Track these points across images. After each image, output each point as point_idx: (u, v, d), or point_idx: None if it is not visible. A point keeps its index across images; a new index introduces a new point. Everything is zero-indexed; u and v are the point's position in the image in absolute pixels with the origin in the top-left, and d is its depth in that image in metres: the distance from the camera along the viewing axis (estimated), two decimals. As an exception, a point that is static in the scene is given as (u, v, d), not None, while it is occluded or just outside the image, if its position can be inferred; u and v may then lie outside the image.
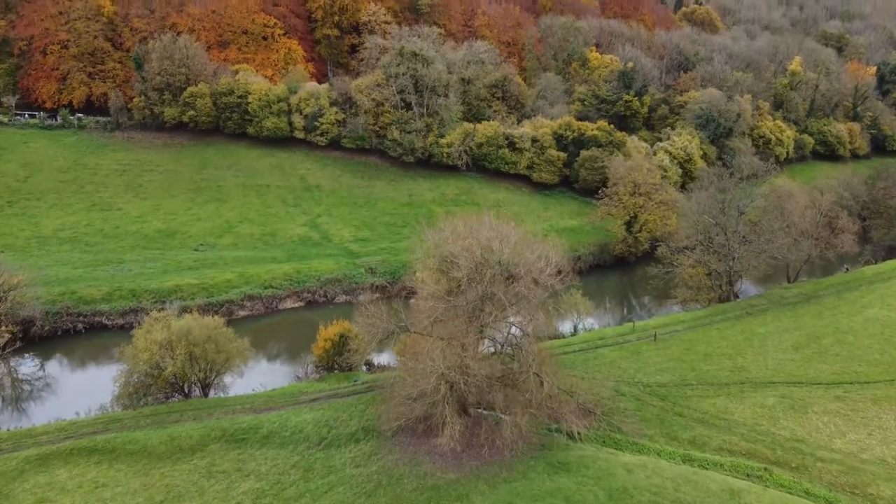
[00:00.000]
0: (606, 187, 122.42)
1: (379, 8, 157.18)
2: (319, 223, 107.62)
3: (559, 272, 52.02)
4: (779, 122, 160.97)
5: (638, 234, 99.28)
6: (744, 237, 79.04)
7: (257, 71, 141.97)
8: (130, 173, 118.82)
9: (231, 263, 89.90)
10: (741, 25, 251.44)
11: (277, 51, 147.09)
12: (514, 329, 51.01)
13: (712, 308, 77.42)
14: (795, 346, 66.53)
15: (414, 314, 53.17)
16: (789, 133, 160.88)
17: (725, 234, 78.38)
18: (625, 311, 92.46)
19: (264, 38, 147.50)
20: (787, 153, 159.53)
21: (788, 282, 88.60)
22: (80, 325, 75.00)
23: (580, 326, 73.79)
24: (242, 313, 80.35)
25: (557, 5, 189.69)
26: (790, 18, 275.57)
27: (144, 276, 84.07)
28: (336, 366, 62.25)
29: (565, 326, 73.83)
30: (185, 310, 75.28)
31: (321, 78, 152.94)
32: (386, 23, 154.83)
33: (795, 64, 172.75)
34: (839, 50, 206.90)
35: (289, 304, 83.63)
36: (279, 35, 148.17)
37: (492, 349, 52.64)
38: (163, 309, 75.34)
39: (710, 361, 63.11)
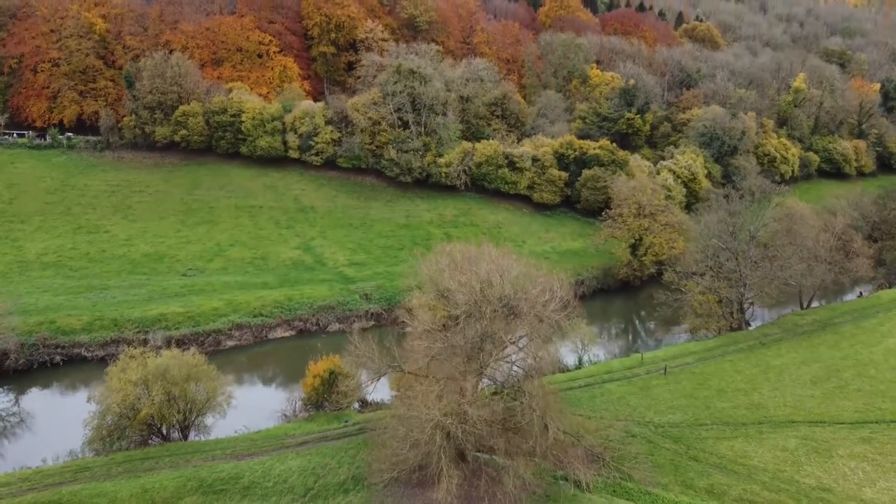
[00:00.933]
0: (609, 208, 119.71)
1: (376, 25, 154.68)
2: (313, 246, 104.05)
3: (564, 306, 48.24)
4: (783, 140, 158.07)
5: (643, 258, 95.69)
6: (756, 262, 75.38)
7: (252, 89, 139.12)
8: (119, 194, 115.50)
9: (220, 289, 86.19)
10: (742, 42, 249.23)
11: (272, 69, 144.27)
12: (515, 368, 47.32)
13: (723, 337, 73.64)
14: (814, 381, 62.68)
15: (408, 351, 49.45)
16: (794, 151, 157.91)
17: (736, 259, 74.76)
18: (630, 338, 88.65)
19: (259, 56, 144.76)
20: (793, 171, 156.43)
21: (801, 308, 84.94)
22: (57, 358, 71.07)
23: (585, 358, 69.95)
24: (230, 343, 76.48)
25: (557, 22, 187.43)
26: (791, 35, 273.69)
27: (128, 303, 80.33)
28: (326, 403, 58.36)
29: (569, 358, 70.00)
30: (168, 340, 71.94)
31: (317, 96, 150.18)
32: (383, 40, 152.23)
33: (799, 81, 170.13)
34: (842, 66, 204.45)
35: (279, 332, 79.79)
36: (274, 53, 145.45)
37: (492, 388, 48.91)
38: (146, 340, 72.09)
39: (725, 398, 59.23)
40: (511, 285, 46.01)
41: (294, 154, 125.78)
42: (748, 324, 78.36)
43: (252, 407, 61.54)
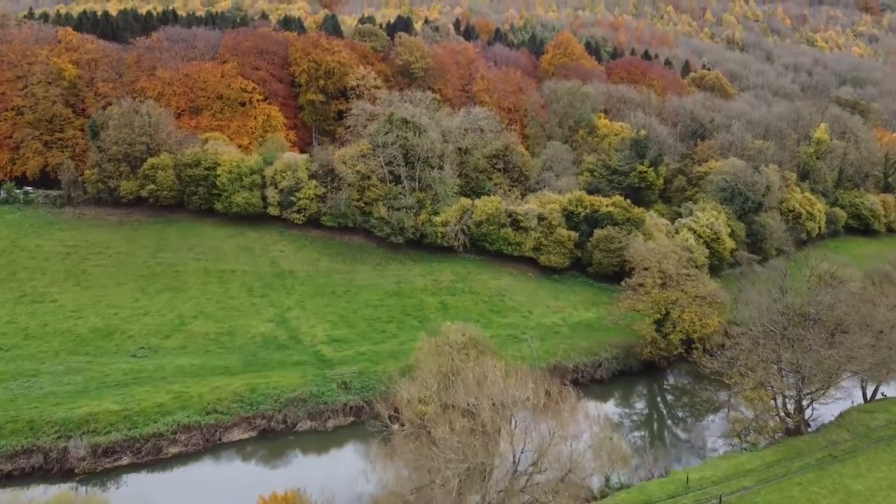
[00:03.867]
0: (625, 272, 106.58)
1: (369, 72, 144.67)
2: (289, 318, 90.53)
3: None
4: (808, 195, 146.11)
5: (670, 335, 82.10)
6: (816, 350, 61.79)
7: (232, 139, 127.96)
8: (75, 257, 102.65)
9: (171, 376, 72.40)
10: (751, 91, 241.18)
11: (255, 117, 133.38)
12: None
13: (782, 446, 59.62)
14: (913, 515, 48.64)
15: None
16: (820, 206, 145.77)
17: (793, 347, 61.28)
18: (666, 439, 74.08)
19: (241, 104, 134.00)
20: (819, 228, 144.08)
21: (865, 401, 71.11)
22: (-51, 474, 57.07)
23: (614, 478, 55.70)
24: (173, 450, 62.21)
25: (561, 70, 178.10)
26: (800, 84, 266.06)
27: (56, 396, 66.50)
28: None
29: (594, 479, 55.74)
30: (95, 449, 58.17)
31: (305, 147, 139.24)
32: (376, 87, 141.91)
33: (821, 131, 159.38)
34: (862, 116, 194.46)
35: (237, 434, 65.64)
36: (258, 101, 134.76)
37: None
38: (66, 448, 58.26)
39: (804, 545, 45.10)
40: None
41: (274, 211, 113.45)
42: (808, 425, 64.36)
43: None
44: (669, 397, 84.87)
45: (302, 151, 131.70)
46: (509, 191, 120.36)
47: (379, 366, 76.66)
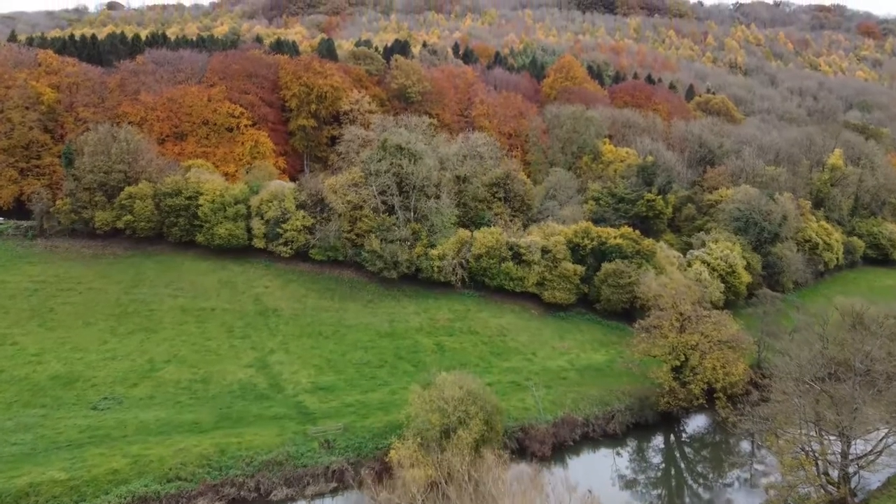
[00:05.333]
0: (635, 308, 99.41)
1: (363, 96, 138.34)
2: (270, 363, 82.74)
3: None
4: (824, 224, 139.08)
5: (690, 384, 74.22)
6: (863, 409, 54.02)
7: (217, 167, 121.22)
8: (43, 294, 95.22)
9: (132, 434, 64.46)
10: (757, 116, 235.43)
11: (243, 143, 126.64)
12: None
13: (828, 522, 51.65)
14: None
15: None
16: (837, 236, 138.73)
17: (836, 406, 53.50)
18: (685, 500, 66.05)
19: (228, 130, 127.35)
20: (837, 259, 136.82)
21: (913, 462, 62.98)
22: None
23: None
24: (126, 528, 54.20)
25: (563, 94, 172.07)
26: (806, 109, 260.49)
27: (-1, 460, 58.61)
28: None
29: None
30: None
31: (296, 174, 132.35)
32: (370, 112, 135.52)
33: (835, 157, 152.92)
34: (874, 141, 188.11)
35: (202, 504, 57.59)
36: (246, 126, 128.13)
37: None
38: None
39: None
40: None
41: (259, 243, 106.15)
42: (854, 494, 56.29)
43: None
44: (688, 450, 76.81)
45: (292, 179, 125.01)
46: (510, 221, 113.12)
47: (367, 420, 68.88)
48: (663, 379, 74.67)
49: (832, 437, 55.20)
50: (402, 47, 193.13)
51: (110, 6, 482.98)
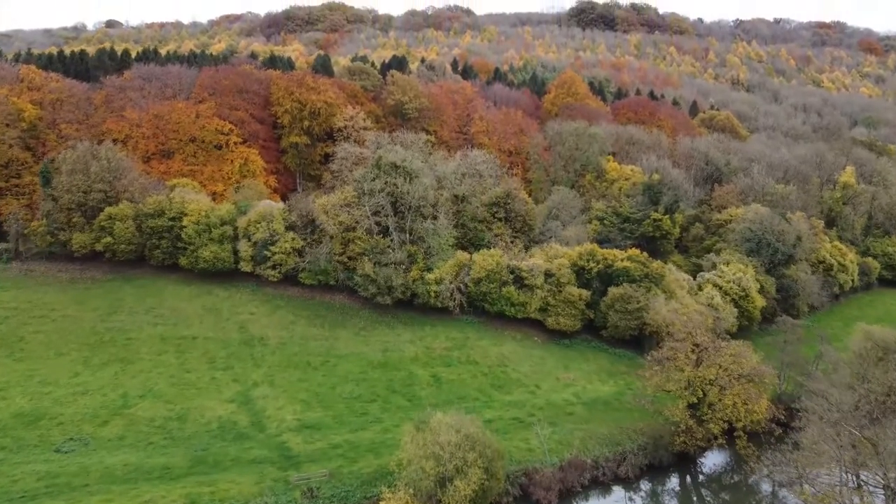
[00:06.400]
0: (644, 335, 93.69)
1: (357, 112, 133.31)
2: (254, 397, 76.74)
3: None
4: (837, 244, 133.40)
5: (708, 422, 68.13)
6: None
7: (205, 186, 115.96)
8: (14, 321, 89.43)
9: (94, 483, 58.35)
10: (761, 132, 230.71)
11: (232, 161, 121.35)
12: None
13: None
14: None
15: None
16: (852, 257, 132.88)
17: (879, 456, 47.47)
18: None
19: (217, 147, 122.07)
20: (853, 281, 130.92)
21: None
22: None
23: None
24: None
25: (565, 110, 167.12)
26: (811, 125, 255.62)
27: (-58, 515, 52.60)
28: None
29: None
30: None
31: (288, 193, 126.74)
32: (365, 129, 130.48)
33: (847, 175, 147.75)
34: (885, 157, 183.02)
35: (167, 567, 51.41)
36: (235, 143, 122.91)
37: None
38: None
39: None
40: None
41: (246, 267, 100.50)
42: (900, 555, 50.03)
43: None
44: (705, 492, 70.68)
45: (284, 198, 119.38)
46: (511, 243, 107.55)
47: (356, 464, 62.87)
48: (679, 417, 68.62)
49: (874, 489, 49.20)
50: (399, 63, 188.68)
51: (109, 24, 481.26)
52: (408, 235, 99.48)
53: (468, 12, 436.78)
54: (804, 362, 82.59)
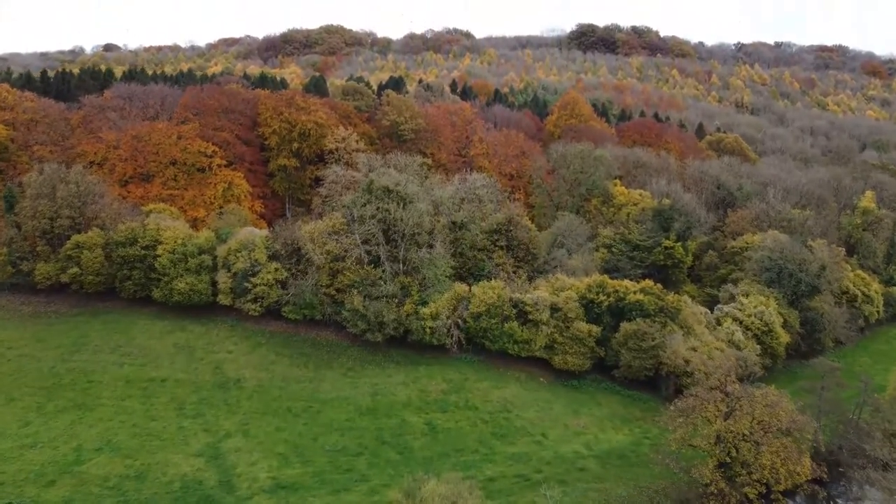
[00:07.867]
0: (660, 375, 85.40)
1: (350, 134, 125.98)
2: (224, 450, 67.97)
3: None
4: (860, 273, 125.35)
5: (742, 484, 59.33)
6: None
7: (185, 211, 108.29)
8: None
9: (26, 563, 49.63)
10: (769, 156, 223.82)
11: (215, 185, 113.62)
12: None
13: None
14: None
15: None
16: (876, 287, 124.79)
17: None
18: None
19: (200, 170, 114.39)
20: (878, 313, 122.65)
21: None
22: None
23: None
24: None
25: (568, 132, 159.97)
26: (820, 149, 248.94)
27: None
28: None
29: None
30: None
31: (275, 219, 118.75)
32: (358, 150, 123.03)
33: (867, 200, 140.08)
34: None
35: None
36: (219, 166, 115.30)
37: None
38: None
39: None
40: None
41: (225, 300, 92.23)
42: None
43: None
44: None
45: (271, 225, 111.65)
46: (514, 273, 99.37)
47: (335, 537, 54.02)
48: (709, 478, 59.79)
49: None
50: (396, 83, 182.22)
51: (106, 48, 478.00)
52: (401, 266, 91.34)
53: (468, 35, 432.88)
54: (843, 408, 74.04)
